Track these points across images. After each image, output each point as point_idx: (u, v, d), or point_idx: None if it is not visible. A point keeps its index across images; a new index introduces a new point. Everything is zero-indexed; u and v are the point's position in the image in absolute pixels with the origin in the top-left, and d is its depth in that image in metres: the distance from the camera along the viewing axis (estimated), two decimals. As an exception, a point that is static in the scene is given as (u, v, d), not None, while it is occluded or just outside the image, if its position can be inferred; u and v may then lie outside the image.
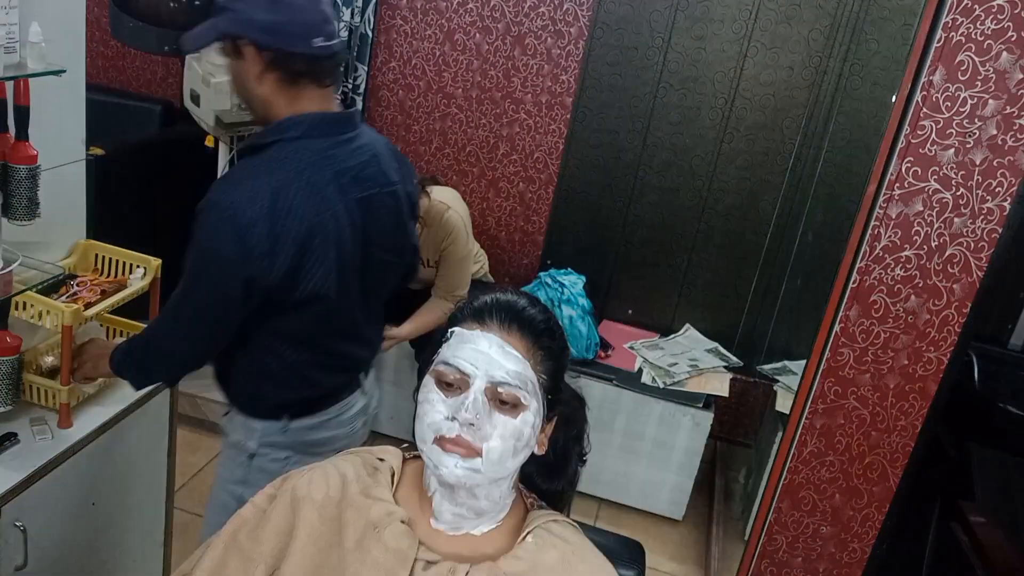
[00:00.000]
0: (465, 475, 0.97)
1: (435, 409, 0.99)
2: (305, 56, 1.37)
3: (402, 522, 1.01)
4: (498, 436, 0.97)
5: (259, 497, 1.08)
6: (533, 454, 1.04)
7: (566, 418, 1.12)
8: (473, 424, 0.96)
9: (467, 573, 0.98)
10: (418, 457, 1.08)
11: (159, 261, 1.73)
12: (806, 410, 2.01)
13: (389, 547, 0.98)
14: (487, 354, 0.98)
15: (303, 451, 1.56)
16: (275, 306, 1.40)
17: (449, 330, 1.04)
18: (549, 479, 1.14)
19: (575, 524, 1.08)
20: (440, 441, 0.97)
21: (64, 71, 1.44)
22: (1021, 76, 1.68)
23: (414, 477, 1.08)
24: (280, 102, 1.40)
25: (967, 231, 1.79)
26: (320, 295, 1.40)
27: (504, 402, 0.98)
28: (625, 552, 1.33)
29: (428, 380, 1.02)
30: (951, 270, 1.82)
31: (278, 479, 1.09)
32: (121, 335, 1.79)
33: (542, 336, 1.02)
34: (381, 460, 1.10)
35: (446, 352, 1.01)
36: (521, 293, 1.06)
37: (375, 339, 1.70)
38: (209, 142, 2.85)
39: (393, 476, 1.08)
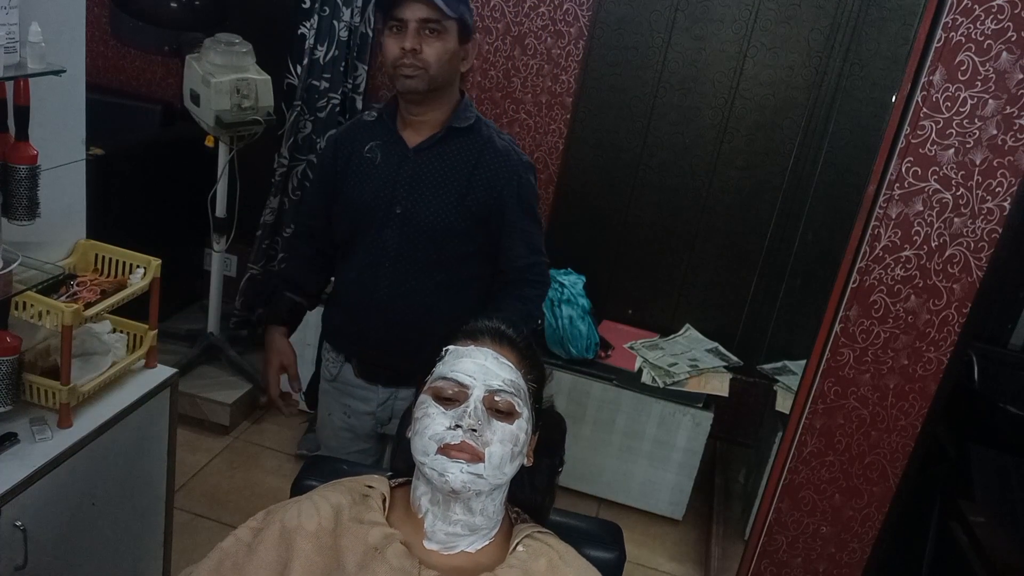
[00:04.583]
0: (470, 480, 1.00)
1: (436, 421, 1.03)
2: None
3: (401, 543, 1.03)
4: (498, 441, 1.02)
5: (241, 531, 1.06)
6: (522, 465, 1.09)
7: (545, 435, 1.17)
8: (476, 430, 1.01)
9: None
10: (403, 484, 1.13)
11: (159, 261, 1.72)
12: (806, 410, 2.01)
13: (393, 566, 0.99)
14: (483, 365, 1.05)
15: None
16: None
17: (443, 348, 1.10)
18: (531, 489, 1.18)
19: (555, 534, 1.13)
20: (445, 449, 1.01)
21: (64, 71, 1.43)
22: (1021, 76, 1.68)
23: (403, 502, 1.11)
24: (457, 86, 1.76)
25: (967, 231, 1.79)
26: None
27: (500, 411, 1.04)
28: (604, 534, 1.31)
29: (424, 398, 1.07)
30: (951, 270, 1.82)
31: (260, 513, 1.08)
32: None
33: (529, 349, 1.13)
34: (370, 487, 1.11)
35: (442, 368, 1.07)
36: (500, 320, 1.17)
37: None
38: (209, 142, 2.85)
39: (384, 502, 1.10)
